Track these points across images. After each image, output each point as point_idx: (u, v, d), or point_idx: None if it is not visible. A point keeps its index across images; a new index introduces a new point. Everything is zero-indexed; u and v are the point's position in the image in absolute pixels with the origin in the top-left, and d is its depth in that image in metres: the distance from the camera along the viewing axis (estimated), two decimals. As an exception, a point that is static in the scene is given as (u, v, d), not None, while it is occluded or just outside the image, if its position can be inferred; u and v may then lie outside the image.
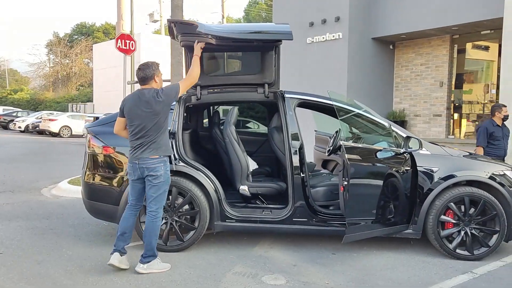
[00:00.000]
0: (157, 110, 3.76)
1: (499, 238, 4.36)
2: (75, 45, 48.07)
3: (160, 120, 3.80)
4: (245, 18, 50.23)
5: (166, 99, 3.81)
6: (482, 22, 9.77)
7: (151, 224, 3.85)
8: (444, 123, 11.33)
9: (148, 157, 3.77)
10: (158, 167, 3.79)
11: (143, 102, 3.78)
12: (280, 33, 4.37)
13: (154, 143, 3.79)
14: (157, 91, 3.81)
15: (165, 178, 3.85)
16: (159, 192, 3.84)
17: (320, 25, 11.73)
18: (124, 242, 3.87)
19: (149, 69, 3.85)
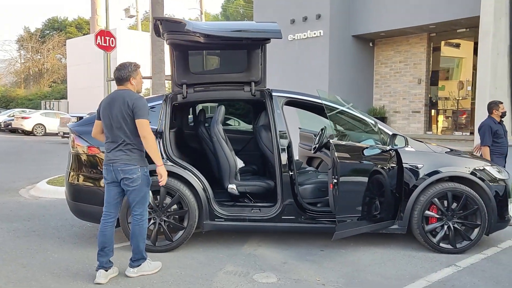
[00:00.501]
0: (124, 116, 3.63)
1: (480, 232, 4.49)
2: (47, 40, 46.87)
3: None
4: (223, 14, 49.98)
5: (133, 116, 3.63)
6: (459, 20, 10.02)
7: (138, 228, 3.75)
8: (423, 119, 11.60)
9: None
10: (133, 170, 3.64)
11: (115, 103, 3.64)
12: (270, 32, 4.37)
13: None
14: (131, 100, 3.60)
15: (142, 180, 3.69)
16: (141, 195, 3.71)
17: (301, 23, 11.80)
18: (106, 256, 3.70)
19: (125, 70, 3.69)
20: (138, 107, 3.59)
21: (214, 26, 4.32)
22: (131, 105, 3.59)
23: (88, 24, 47.70)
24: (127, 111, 3.59)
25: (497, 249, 4.68)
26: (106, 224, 3.73)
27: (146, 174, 3.73)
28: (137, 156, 3.67)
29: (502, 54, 7.74)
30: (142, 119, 3.59)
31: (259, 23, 4.64)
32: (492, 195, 4.52)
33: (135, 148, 3.67)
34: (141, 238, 3.76)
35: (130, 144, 3.65)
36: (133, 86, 3.76)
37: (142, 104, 3.61)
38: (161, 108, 4.66)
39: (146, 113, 3.63)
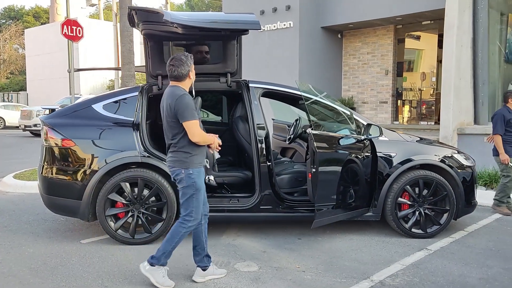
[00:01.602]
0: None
1: (449, 216, 4.69)
2: (4, 30, 44.84)
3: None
4: (187, 4, 49.26)
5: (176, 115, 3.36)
6: (424, 13, 10.31)
7: (174, 228, 3.47)
8: (390, 109, 11.91)
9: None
10: (177, 172, 3.44)
11: (164, 103, 3.43)
12: (248, 23, 4.37)
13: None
14: (172, 101, 3.31)
15: (188, 183, 3.42)
16: (185, 198, 3.44)
17: (271, 14, 11.83)
18: (197, 256, 3.61)
19: (184, 66, 3.35)
20: (180, 108, 3.29)
21: (191, 17, 4.27)
22: (173, 107, 3.31)
23: (46, 13, 46.06)
24: (169, 111, 3.35)
25: (464, 232, 4.91)
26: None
27: (190, 176, 3.41)
28: (182, 158, 3.41)
29: (466, 46, 8.04)
30: (186, 121, 3.29)
31: (237, 15, 4.63)
32: (460, 181, 4.73)
33: (180, 150, 3.41)
34: (171, 241, 3.44)
35: (175, 146, 3.42)
36: (191, 80, 3.46)
37: (184, 104, 3.29)
38: (137, 100, 4.61)
39: (191, 113, 3.30)
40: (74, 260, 3.96)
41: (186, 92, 3.39)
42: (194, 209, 3.44)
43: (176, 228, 3.45)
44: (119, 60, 19.52)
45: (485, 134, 7.68)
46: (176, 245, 3.47)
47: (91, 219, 4.39)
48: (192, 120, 3.30)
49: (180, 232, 3.44)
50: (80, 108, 4.66)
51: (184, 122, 3.29)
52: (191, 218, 3.44)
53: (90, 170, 4.33)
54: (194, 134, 3.33)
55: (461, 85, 8.01)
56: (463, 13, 7.94)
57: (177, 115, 3.30)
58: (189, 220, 3.43)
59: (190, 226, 3.44)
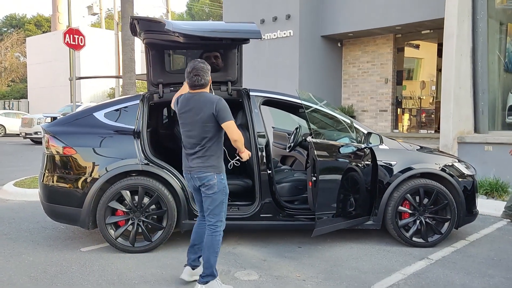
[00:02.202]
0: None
1: (450, 226, 4.68)
2: (5, 38, 45.05)
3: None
4: (188, 13, 49.56)
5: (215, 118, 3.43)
6: (423, 22, 10.37)
7: (210, 239, 3.46)
8: (390, 117, 11.93)
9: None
10: (210, 176, 3.45)
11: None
12: (249, 32, 4.40)
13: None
14: (215, 101, 3.38)
15: (220, 188, 3.46)
16: (216, 204, 3.47)
17: (271, 23, 11.90)
18: (194, 254, 3.67)
19: (206, 75, 3.43)
20: (222, 110, 3.40)
21: (193, 26, 4.30)
22: (215, 110, 3.38)
23: (48, 21, 46.32)
24: (209, 115, 3.40)
25: (465, 242, 4.89)
26: (200, 223, 3.67)
27: (222, 180, 3.48)
28: (213, 163, 3.45)
29: (465, 55, 8.07)
30: (228, 121, 3.42)
31: (238, 24, 4.66)
32: (461, 190, 4.72)
33: (212, 154, 3.45)
34: (212, 251, 3.45)
35: (207, 150, 3.45)
36: (210, 82, 3.55)
37: (225, 106, 3.41)
38: (138, 108, 4.62)
39: (230, 114, 3.44)
40: (74, 269, 3.95)
41: (220, 96, 3.49)
42: (224, 213, 3.52)
43: (211, 238, 3.46)
44: (120, 68, 19.61)
45: (486, 142, 7.71)
46: (218, 252, 3.53)
47: (91, 227, 4.38)
48: (232, 120, 3.42)
49: (218, 241, 3.50)
50: (81, 116, 4.68)
51: (226, 122, 3.37)
52: (221, 223, 3.51)
53: (91, 178, 4.33)
54: (234, 133, 3.42)
55: (461, 94, 8.03)
56: (462, 23, 7.99)
57: (217, 118, 3.37)
58: (220, 225, 3.50)
59: (221, 230, 3.52)
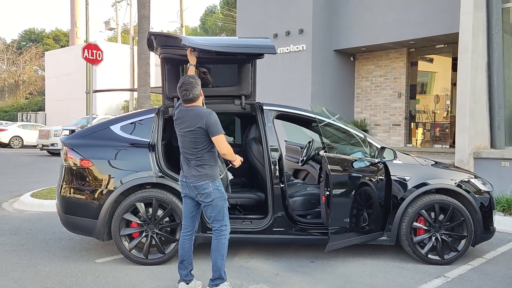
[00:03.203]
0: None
1: (467, 243, 4.60)
2: (24, 52, 46.12)
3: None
4: (201, 27, 50.21)
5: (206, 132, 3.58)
6: (437, 36, 10.35)
7: (215, 242, 3.64)
8: (403, 132, 11.86)
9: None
10: (205, 185, 3.59)
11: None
12: (264, 47, 4.45)
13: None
14: (206, 115, 3.53)
15: (217, 195, 3.62)
16: (217, 210, 3.63)
17: (284, 37, 11.99)
18: (185, 269, 3.73)
19: (195, 89, 3.56)
20: (212, 124, 3.53)
21: (208, 41, 4.37)
22: (204, 124, 3.51)
23: (66, 36, 47.35)
24: (199, 129, 3.54)
25: (482, 259, 4.81)
26: (184, 237, 3.75)
27: (218, 188, 3.64)
28: (207, 172, 3.60)
29: (481, 70, 8.03)
30: (217, 135, 3.56)
31: (252, 39, 4.72)
32: (477, 207, 4.66)
33: (206, 163, 3.61)
34: (219, 254, 3.61)
35: (199, 160, 3.60)
36: (202, 96, 3.70)
37: (215, 120, 3.55)
38: (153, 121, 4.69)
39: (220, 128, 3.57)
40: (89, 280, 3.98)
41: (211, 110, 3.61)
42: (226, 217, 3.67)
43: (217, 242, 3.63)
44: (135, 81, 19.90)
45: (502, 158, 7.61)
46: (226, 255, 3.66)
47: (106, 238, 4.43)
48: (222, 134, 3.55)
49: (224, 244, 3.64)
50: (98, 129, 4.76)
51: (215, 136, 3.51)
52: (226, 227, 3.66)
53: (106, 190, 4.39)
54: (223, 147, 3.56)
55: (477, 109, 7.97)
56: (477, 38, 7.96)
57: (207, 131, 3.50)
58: (225, 228, 3.66)
59: (228, 233, 3.67)
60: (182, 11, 27.64)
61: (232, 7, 36.03)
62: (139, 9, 8.82)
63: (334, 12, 11.91)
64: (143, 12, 8.76)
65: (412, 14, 10.56)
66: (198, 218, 3.85)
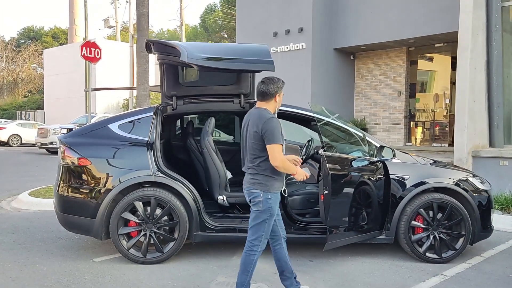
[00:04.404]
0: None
1: (465, 241, 4.61)
2: (23, 49, 46.07)
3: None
4: (201, 25, 50.17)
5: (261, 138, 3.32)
6: (437, 35, 10.34)
7: (244, 255, 3.42)
8: (403, 131, 11.86)
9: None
10: (256, 193, 3.38)
11: (249, 124, 3.42)
12: (263, 63, 4.29)
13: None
14: (261, 123, 3.29)
15: (264, 207, 3.37)
16: (257, 221, 3.39)
17: (284, 35, 11.98)
18: (288, 280, 3.58)
19: (274, 85, 3.40)
20: (268, 130, 3.26)
21: (206, 50, 4.27)
22: (259, 129, 3.29)
23: (65, 34, 47.27)
24: (254, 134, 3.33)
25: (480, 258, 4.81)
26: (274, 249, 3.58)
27: (268, 200, 3.36)
28: (261, 181, 3.36)
29: (480, 69, 8.02)
30: (272, 144, 3.26)
31: (251, 48, 4.54)
32: (475, 205, 4.66)
33: (261, 173, 3.37)
34: (244, 269, 3.42)
35: (255, 168, 3.38)
36: (275, 103, 3.47)
37: (272, 127, 3.27)
38: (152, 120, 4.67)
39: (278, 137, 3.27)
40: (86, 279, 3.98)
41: (274, 116, 3.39)
42: (264, 234, 3.40)
43: (247, 258, 3.42)
44: (134, 79, 19.87)
45: (501, 157, 7.60)
46: (252, 274, 3.45)
47: (104, 237, 4.42)
48: (277, 144, 3.25)
49: (253, 261, 3.42)
50: (96, 128, 4.75)
51: (269, 144, 3.26)
52: (259, 243, 3.40)
53: (104, 188, 4.38)
54: (276, 158, 3.26)
55: (476, 108, 7.96)
56: (476, 36, 7.95)
57: (263, 137, 3.28)
58: (258, 245, 3.41)
59: (259, 251, 3.42)
60: (182, 9, 27.60)
61: (232, 5, 35.97)
62: (138, 7, 8.80)
63: (334, 10, 11.90)
64: (142, 10, 8.74)
65: (412, 13, 10.55)
66: (281, 223, 3.62)
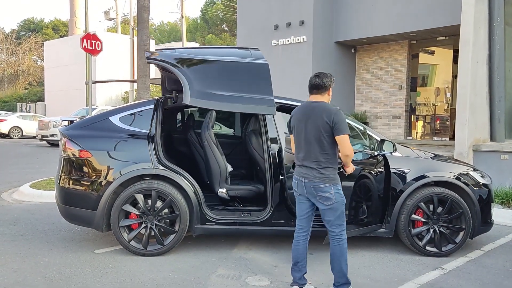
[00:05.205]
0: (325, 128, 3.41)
1: (465, 235, 4.62)
2: (23, 41, 45.95)
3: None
4: (202, 18, 49.97)
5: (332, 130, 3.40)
6: (439, 29, 10.30)
7: (338, 248, 3.50)
8: (403, 124, 11.84)
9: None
10: (326, 188, 3.43)
11: (312, 117, 3.46)
12: (264, 105, 4.24)
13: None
14: (330, 115, 3.38)
15: (338, 199, 3.45)
16: (336, 214, 3.48)
17: (285, 28, 11.93)
18: (300, 272, 3.61)
19: (327, 78, 3.52)
20: (339, 122, 3.36)
21: (210, 82, 4.20)
22: (330, 121, 3.37)
23: (65, 26, 47.15)
24: (323, 126, 3.39)
25: (480, 252, 4.83)
26: (298, 238, 3.62)
27: (339, 191, 3.48)
28: (329, 174, 3.44)
29: (482, 63, 7.99)
30: (343, 134, 3.37)
31: (251, 64, 4.45)
32: (476, 199, 4.67)
33: (329, 166, 3.44)
34: (343, 260, 3.50)
35: (323, 162, 3.43)
36: (329, 97, 3.59)
37: (343, 119, 3.40)
38: (152, 113, 4.67)
39: (347, 128, 3.41)
40: (88, 270, 4.00)
41: (338, 108, 3.49)
42: (344, 222, 3.52)
43: (340, 248, 3.51)
44: (135, 72, 19.82)
45: (502, 151, 7.61)
46: (347, 260, 3.55)
47: (105, 229, 4.43)
48: (347, 134, 3.39)
49: (346, 248, 3.53)
50: (97, 120, 4.75)
51: (340, 135, 3.36)
52: (344, 231, 3.52)
53: (105, 181, 4.39)
54: (348, 148, 3.42)
55: (477, 102, 7.95)
56: (478, 30, 7.92)
57: (333, 130, 3.37)
58: (343, 233, 3.51)
59: (345, 238, 3.54)
60: (182, 1, 27.46)
61: (233, -2, 35.80)
62: (138, -1, 8.77)
63: (335, 3, 11.84)
64: (143, 2, 8.71)
65: (413, 6, 10.50)
66: (312, 218, 3.67)
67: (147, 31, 8.81)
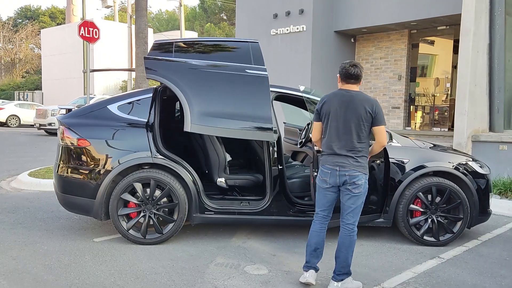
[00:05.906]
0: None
1: (463, 225, 4.64)
2: (20, 29, 45.60)
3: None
4: (200, 6, 49.58)
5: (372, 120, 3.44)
6: (439, 18, 10.23)
7: (348, 239, 3.49)
8: (402, 115, 11.83)
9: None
10: (359, 177, 3.44)
11: (350, 106, 3.45)
12: (264, 132, 4.26)
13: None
14: (371, 105, 3.41)
15: (364, 189, 3.49)
16: (359, 203, 3.49)
17: (284, 17, 11.84)
18: (317, 258, 3.63)
19: (362, 70, 3.53)
20: (380, 112, 3.44)
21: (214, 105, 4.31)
22: (372, 111, 3.40)
23: (62, 13, 46.76)
24: (364, 116, 3.40)
25: (478, 241, 4.86)
26: (322, 226, 3.64)
27: (367, 181, 3.52)
28: (364, 163, 3.48)
29: (482, 52, 7.96)
30: (382, 125, 3.47)
31: (251, 77, 4.32)
32: (474, 190, 4.68)
33: (363, 155, 3.47)
34: (350, 251, 3.51)
35: (360, 151, 3.44)
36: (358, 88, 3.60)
37: (381, 110, 3.49)
38: (152, 101, 4.65)
39: (384, 118, 3.52)
40: (87, 258, 4.01)
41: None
42: (359, 214, 3.54)
43: (350, 239, 3.51)
44: (133, 61, 19.71)
45: (500, 141, 7.61)
46: (353, 252, 3.57)
47: (104, 218, 4.44)
48: (385, 125, 3.51)
49: (355, 241, 3.54)
50: (96, 109, 4.73)
51: (379, 126, 3.45)
52: (356, 223, 3.52)
53: (104, 169, 4.38)
54: (385, 137, 3.53)
55: (476, 92, 7.93)
56: (479, 19, 7.87)
57: (374, 119, 3.41)
58: (355, 224, 3.52)
59: (356, 230, 3.54)
60: (180, -11, 27.20)
61: (232, -14, 35.50)
62: (136, -14, 8.69)
63: (335, -8, 11.74)
64: (141, -10, 8.62)
65: (414, -5, 10.42)
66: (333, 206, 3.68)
67: (145, 19, 8.75)
